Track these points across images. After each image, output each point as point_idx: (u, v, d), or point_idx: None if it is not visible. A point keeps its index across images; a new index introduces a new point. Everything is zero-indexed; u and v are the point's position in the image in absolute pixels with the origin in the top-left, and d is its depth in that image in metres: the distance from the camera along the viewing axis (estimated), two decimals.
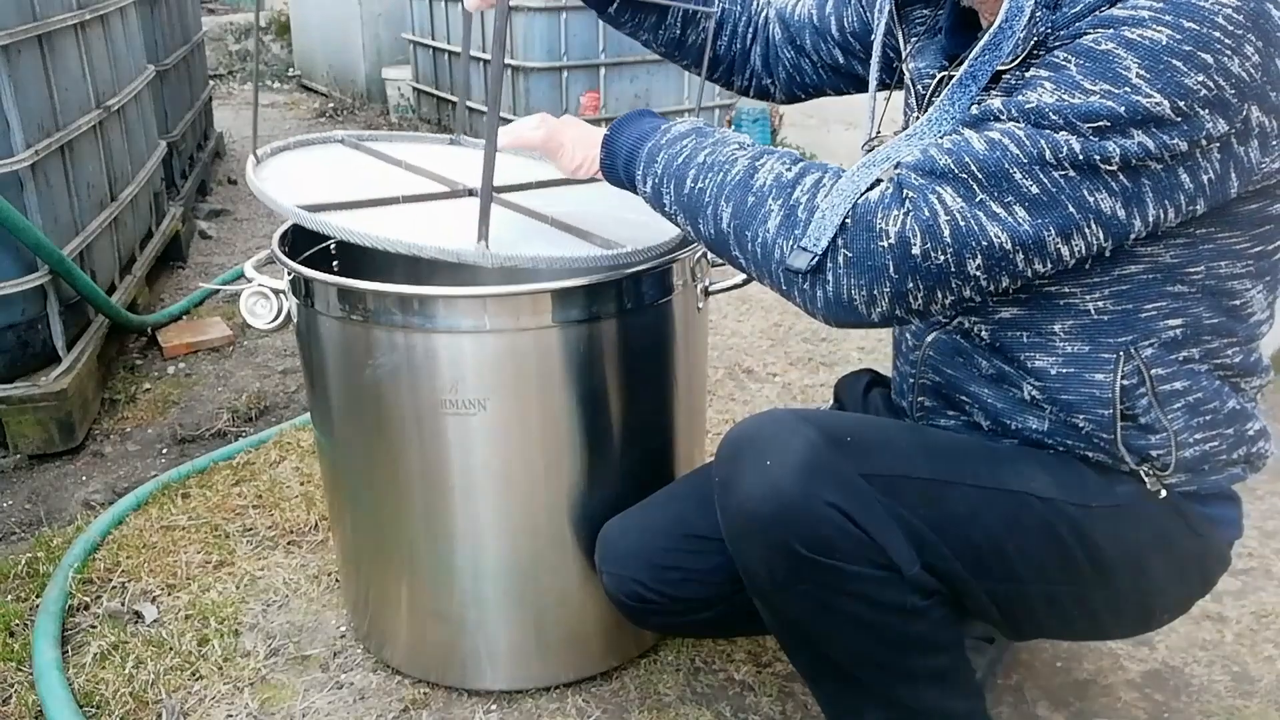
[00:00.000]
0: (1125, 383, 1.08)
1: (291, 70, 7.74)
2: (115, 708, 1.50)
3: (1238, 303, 1.08)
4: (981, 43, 1.02)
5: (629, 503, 1.38)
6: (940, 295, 0.99)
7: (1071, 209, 0.95)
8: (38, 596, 1.74)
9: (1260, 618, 1.72)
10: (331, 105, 6.56)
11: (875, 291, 0.98)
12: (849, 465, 1.06)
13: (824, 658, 1.15)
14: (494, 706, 1.52)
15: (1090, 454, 1.13)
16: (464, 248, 1.20)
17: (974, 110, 1.00)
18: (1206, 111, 0.92)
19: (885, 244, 0.96)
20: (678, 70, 5.06)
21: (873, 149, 1.33)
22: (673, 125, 1.17)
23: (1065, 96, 0.94)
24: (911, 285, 0.97)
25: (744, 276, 1.48)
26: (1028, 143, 0.94)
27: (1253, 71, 0.92)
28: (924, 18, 1.26)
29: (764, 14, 1.51)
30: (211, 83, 4.86)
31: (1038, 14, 1.00)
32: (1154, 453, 1.11)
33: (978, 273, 0.97)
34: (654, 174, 1.14)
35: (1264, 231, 1.05)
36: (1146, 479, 1.12)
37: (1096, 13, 0.96)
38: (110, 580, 1.80)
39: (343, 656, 1.63)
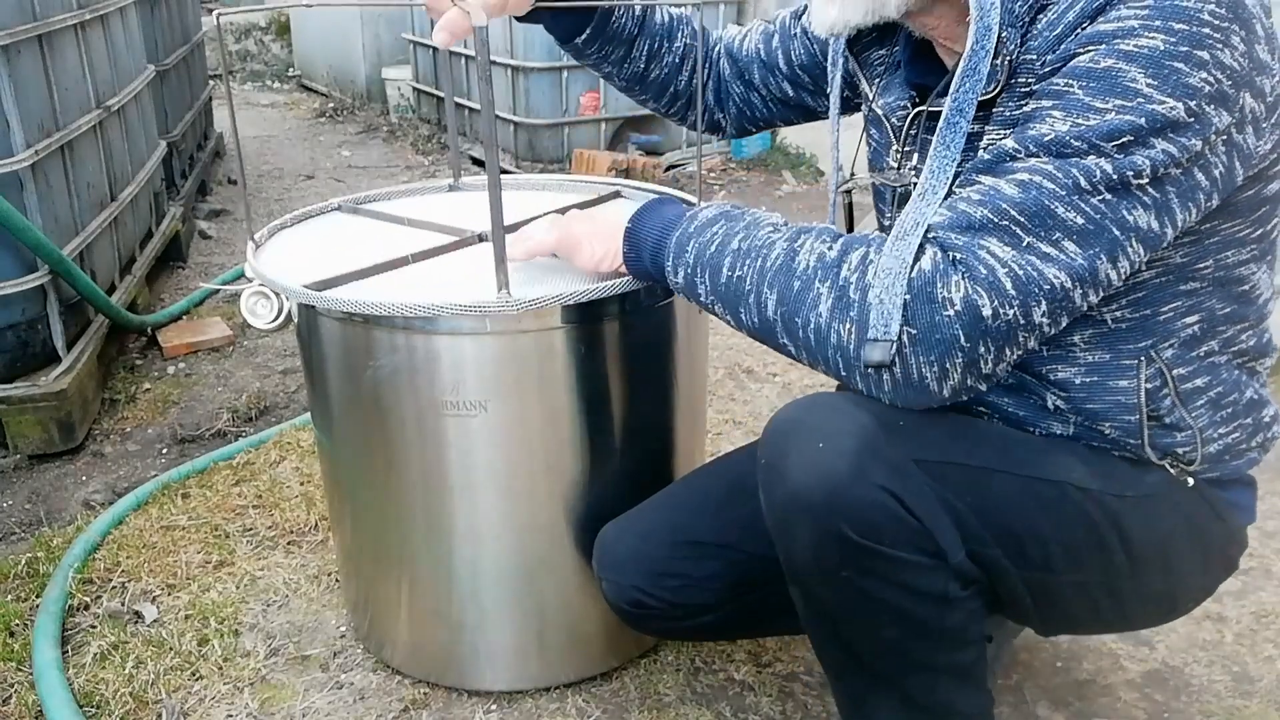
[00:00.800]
0: (1149, 386, 1.08)
1: (291, 70, 7.75)
2: (115, 708, 1.50)
3: (1246, 287, 1.10)
4: (958, 73, 1.01)
5: (629, 503, 1.38)
6: (1008, 353, 0.97)
7: (1116, 231, 0.94)
8: (38, 596, 1.74)
9: (1260, 618, 1.72)
10: (331, 105, 6.57)
11: (948, 364, 0.96)
12: (901, 450, 1.04)
13: (849, 650, 1.14)
14: (494, 706, 1.52)
15: (1116, 453, 1.13)
16: (486, 300, 1.20)
17: (984, 154, 0.99)
18: (1212, 107, 0.93)
19: (951, 312, 0.94)
20: None
21: (849, 190, 1.34)
22: (698, 211, 1.15)
23: (1080, 120, 0.93)
24: (984, 349, 0.95)
25: None
26: (1059, 175, 0.93)
27: (1241, 60, 0.94)
28: (881, 57, 1.26)
29: (716, 49, 1.52)
30: (211, 83, 4.86)
31: (1004, 34, 1.00)
32: (1180, 450, 1.11)
33: (1043, 319, 0.96)
34: (685, 264, 1.12)
35: (1262, 214, 1.06)
36: (1172, 470, 1.12)
37: (1080, 30, 0.96)
38: (110, 580, 1.80)
39: (343, 656, 1.63)
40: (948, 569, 1.05)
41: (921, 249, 0.97)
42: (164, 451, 2.30)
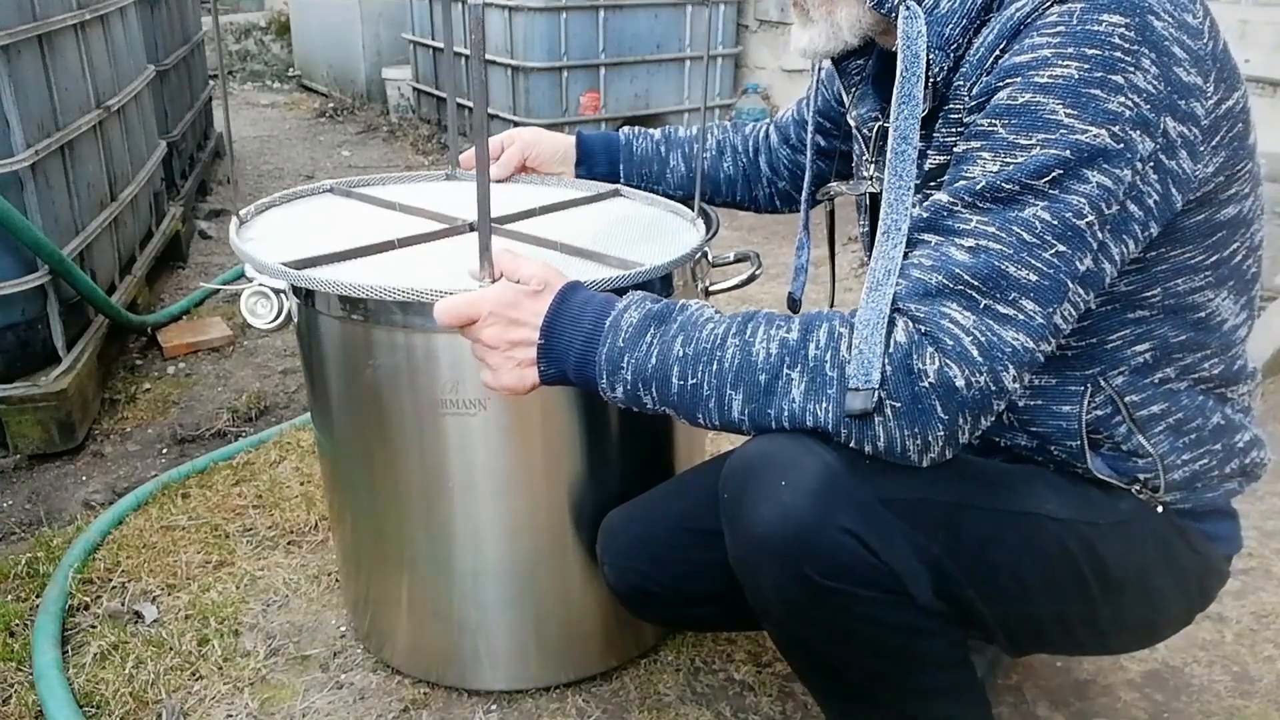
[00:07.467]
0: (1098, 413, 1.08)
1: (291, 70, 7.75)
2: (115, 708, 1.50)
3: (1203, 314, 1.08)
4: (894, 101, 1.00)
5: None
6: (984, 420, 0.97)
7: (1067, 280, 0.94)
8: (38, 596, 1.74)
9: (1260, 618, 1.72)
10: (331, 105, 6.56)
11: (929, 437, 0.95)
12: (867, 489, 1.01)
13: (833, 677, 1.14)
14: (494, 706, 1.52)
15: (1083, 474, 1.12)
16: (467, 286, 1.17)
17: (922, 211, 0.99)
18: (1136, 133, 0.93)
19: (927, 384, 0.93)
20: (678, 70, 5.06)
21: (826, 199, 1.38)
22: (619, 316, 1.05)
23: (1008, 159, 0.94)
24: (961, 420, 0.95)
25: (745, 277, 1.49)
26: (1003, 234, 0.93)
27: (1155, 83, 0.93)
28: (859, 66, 1.27)
29: (762, 129, 1.62)
30: (211, 83, 4.86)
31: (932, 56, 1.01)
32: (1141, 475, 1.11)
33: (1014, 384, 0.95)
34: (623, 381, 1.05)
35: (1217, 240, 1.04)
36: (1141, 496, 1.12)
37: (998, 59, 0.97)
38: (110, 580, 1.80)
39: (343, 656, 1.63)
40: (915, 606, 1.04)
41: (893, 321, 0.96)
42: (164, 451, 2.30)
